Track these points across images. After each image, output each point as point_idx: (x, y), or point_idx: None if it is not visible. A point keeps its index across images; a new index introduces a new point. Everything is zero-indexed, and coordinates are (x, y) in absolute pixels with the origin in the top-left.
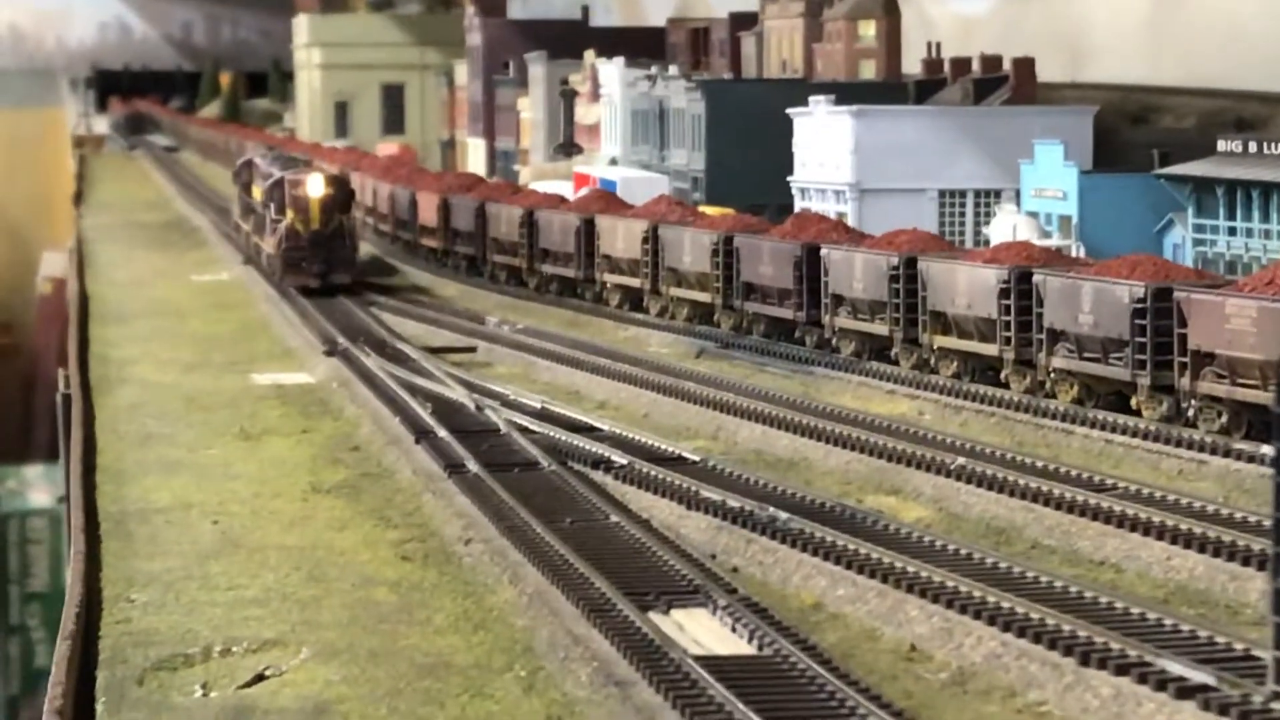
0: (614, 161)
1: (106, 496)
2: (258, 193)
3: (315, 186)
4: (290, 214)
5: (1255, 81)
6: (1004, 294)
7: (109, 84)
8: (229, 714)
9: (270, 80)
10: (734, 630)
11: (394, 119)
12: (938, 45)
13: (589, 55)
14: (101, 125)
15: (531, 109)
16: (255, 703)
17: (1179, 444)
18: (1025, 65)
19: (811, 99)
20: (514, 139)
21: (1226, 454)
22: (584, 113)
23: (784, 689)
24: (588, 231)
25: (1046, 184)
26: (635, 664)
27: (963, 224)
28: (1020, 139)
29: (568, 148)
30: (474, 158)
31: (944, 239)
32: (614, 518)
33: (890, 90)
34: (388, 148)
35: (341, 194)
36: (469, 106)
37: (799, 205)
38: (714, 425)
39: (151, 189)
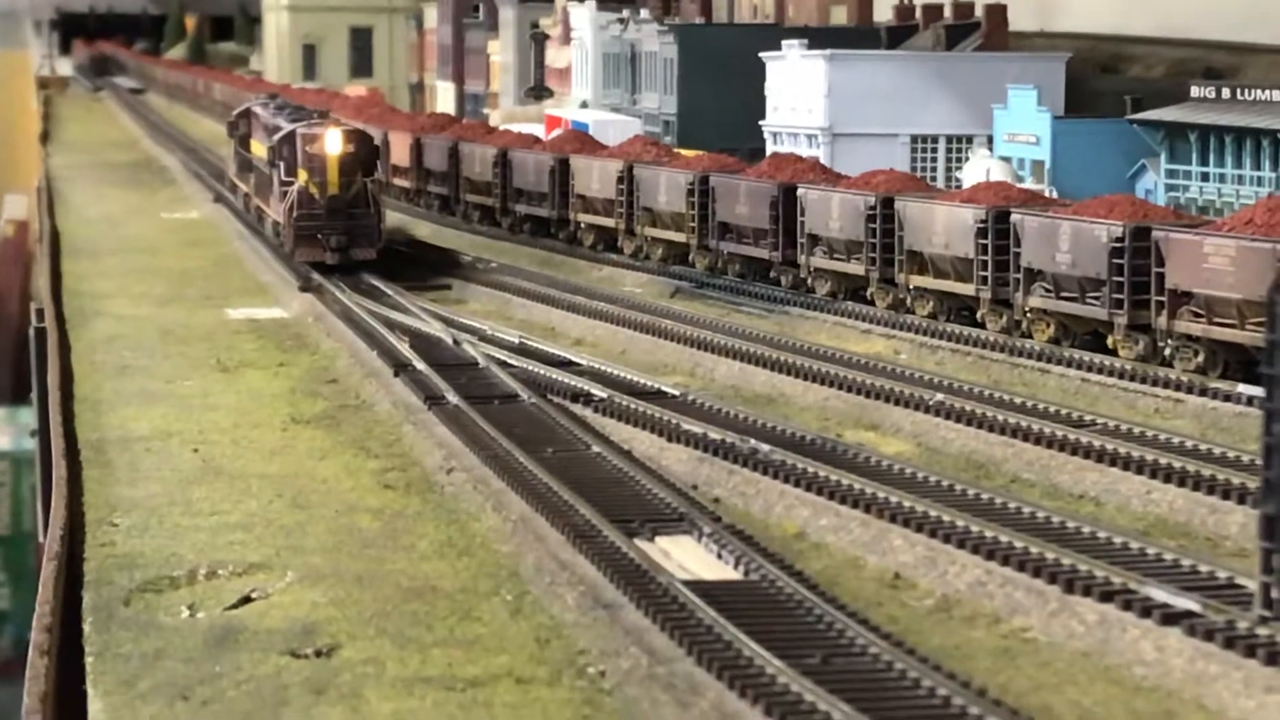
0: (585, 105)
1: (85, 425)
2: (259, 148)
3: (333, 143)
4: (303, 175)
5: (1224, 31)
6: (981, 233)
7: (73, 26)
8: (217, 634)
9: (236, 23)
10: (719, 557)
11: (362, 62)
12: None
13: None
14: (66, 68)
15: (501, 52)
16: (243, 624)
17: (1155, 383)
18: (997, 12)
19: (784, 43)
20: (483, 82)
21: (1203, 393)
22: (554, 56)
23: (772, 612)
24: (562, 171)
25: (1020, 129)
26: (622, 588)
27: (934, 169)
28: (992, 85)
29: (538, 91)
30: (443, 101)
31: (920, 179)
32: (596, 448)
33: (862, 36)
34: (356, 90)
35: (364, 152)
36: (438, 50)
37: (770, 149)
38: (691, 362)
39: (119, 130)
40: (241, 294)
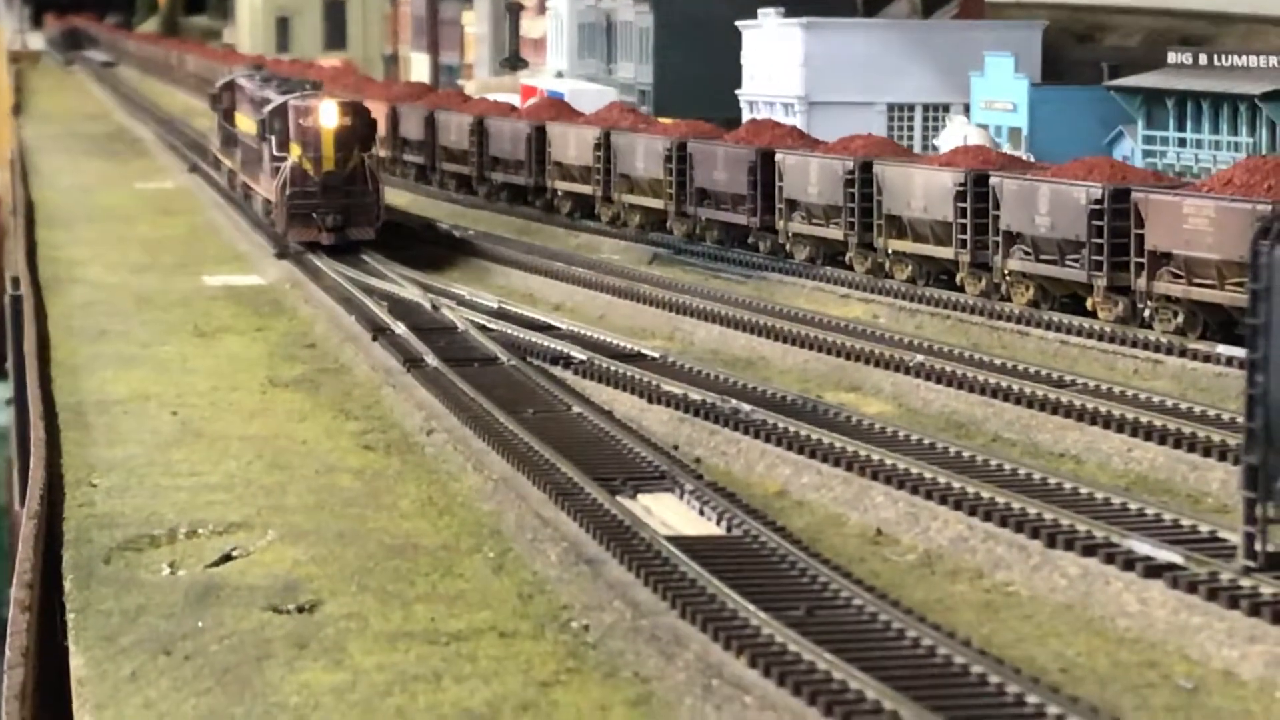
0: (560, 75)
1: (63, 389)
2: (245, 122)
3: (329, 115)
4: (296, 150)
5: (1201, 1)
6: (960, 197)
7: (45, 0)
8: (198, 591)
9: None
10: (701, 513)
11: (335, 34)
12: None
13: None
14: (38, 42)
15: (476, 24)
16: (224, 581)
17: (1134, 344)
18: None
19: (761, 12)
20: (458, 54)
21: (1182, 354)
22: (529, 27)
23: (754, 566)
24: (539, 139)
25: (997, 96)
26: (605, 544)
27: (910, 137)
28: (969, 54)
29: (513, 61)
30: (417, 72)
31: (898, 144)
32: (576, 409)
33: (839, 4)
34: (329, 63)
35: (361, 126)
36: (412, 21)
37: (747, 118)
38: (670, 326)
39: (92, 102)
40: (218, 261)
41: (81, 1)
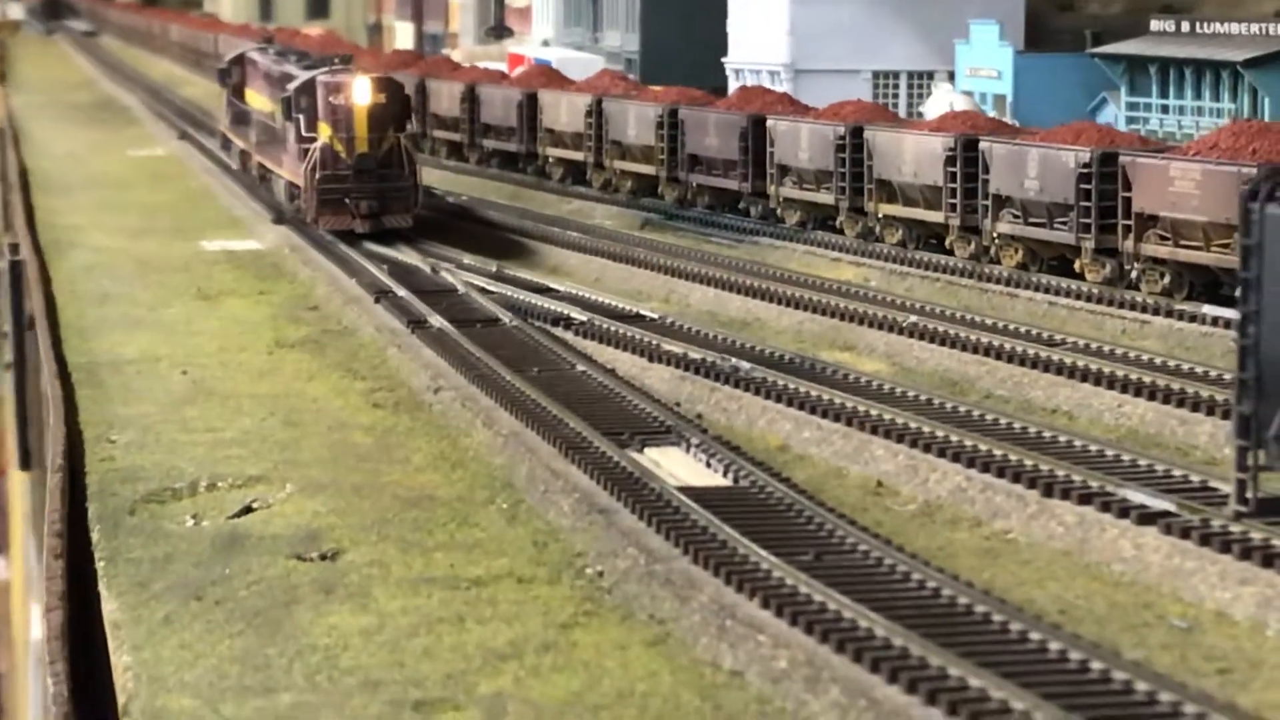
0: (546, 43)
1: (74, 350)
2: (260, 100)
3: (361, 92)
4: (326, 130)
5: None
6: (950, 161)
7: None
8: (223, 540)
9: None
10: (708, 465)
11: (319, 3)
12: None
13: None
14: (17, 11)
15: None
16: (248, 531)
17: (1122, 305)
18: None
19: None
20: (442, 23)
21: (1169, 314)
22: None
23: (763, 515)
24: (530, 106)
25: (982, 63)
26: (616, 494)
27: (896, 104)
28: (953, 22)
29: (498, 30)
30: (401, 41)
31: (888, 110)
32: (580, 367)
33: None
34: (313, 31)
35: (395, 104)
36: None
37: (733, 86)
38: (666, 289)
39: (76, 71)
40: (215, 227)
41: None
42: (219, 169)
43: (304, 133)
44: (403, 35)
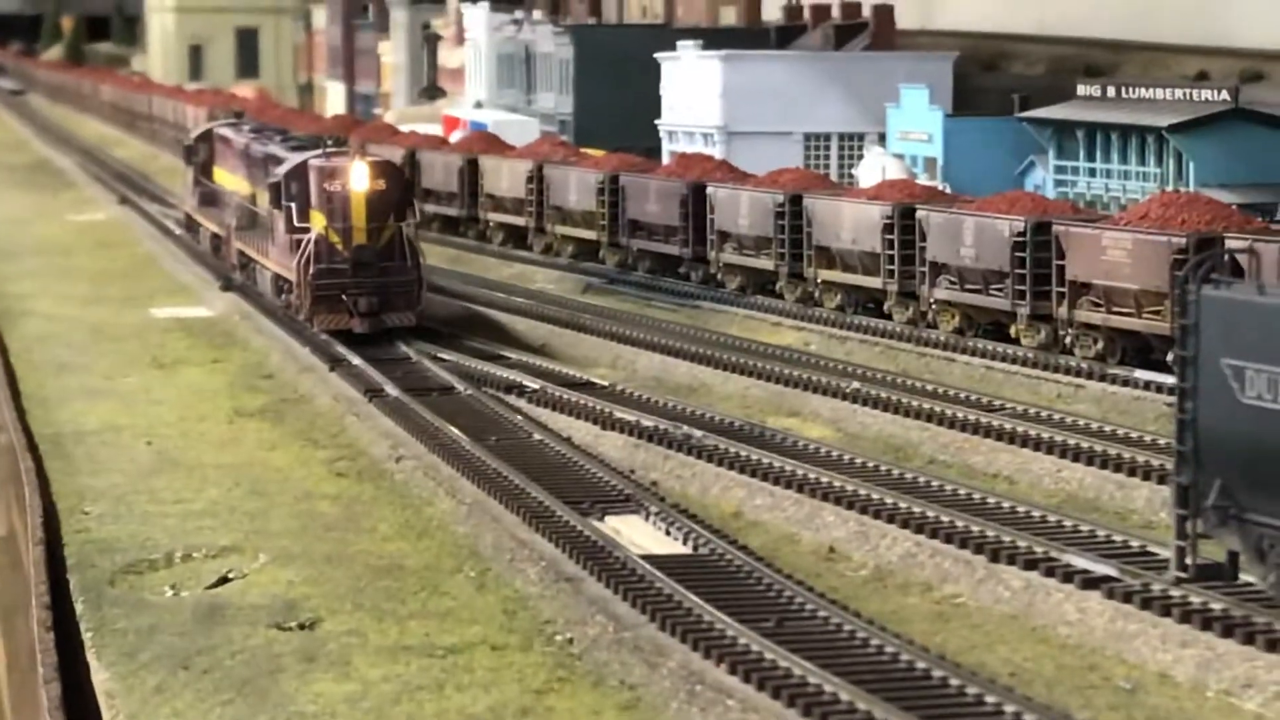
0: (479, 105)
1: (37, 420)
2: (232, 179)
3: (359, 178)
4: (320, 220)
5: (1102, 29)
6: (888, 229)
7: None
8: (204, 610)
9: (114, 23)
10: (668, 534)
11: (248, 62)
12: None
13: (452, 0)
14: None
15: (393, 53)
16: (226, 601)
17: (1056, 369)
18: (885, 12)
19: (679, 44)
20: (374, 82)
21: (1102, 378)
22: (447, 56)
23: (724, 582)
24: (471, 171)
25: (912, 127)
26: (582, 563)
27: (827, 166)
28: (883, 84)
29: (432, 91)
30: (333, 101)
31: (826, 178)
32: (537, 435)
33: (753, 36)
34: (243, 90)
35: (396, 190)
36: (328, 50)
37: (667, 148)
38: (613, 355)
39: (6, 131)
40: (163, 294)
41: None
42: (162, 235)
43: (295, 222)
44: (334, 95)
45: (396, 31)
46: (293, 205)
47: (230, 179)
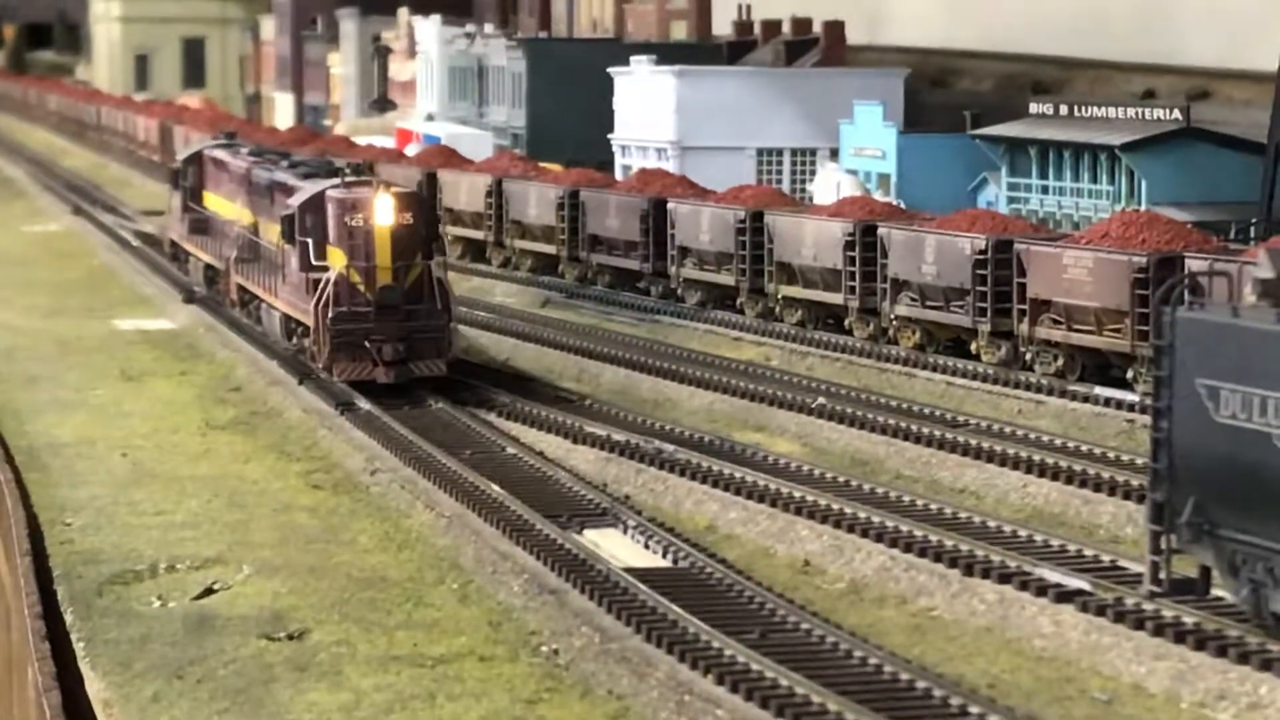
0: (430, 117)
1: (11, 433)
2: (228, 206)
3: (384, 212)
4: (341, 258)
5: (1048, 45)
6: (849, 246)
7: None
8: (193, 621)
9: (55, 32)
10: (647, 547)
11: (195, 73)
12: (748, 7)
13: (403, 13)
14: None
15: (343, 65)
16: (215, 611)
17: (1017, 386)
18: (835, 28)
19: (633, 59)
20: (323, 94)
21: (1063, 395)
22: (398, 69)
23: (706, 594)
24: (429, 185)
25: (866, 143)
26: (565, 575)
27: (779, 181)
28: (835, 100)
29: (382, 104)
30: (281, 112)
31: (787, 195)
32: (510, 449)
33: (704, 51)
34: (190, 101)
35: (423, 224)
36: (276, 61)
37: (619, 162)
38: (577, 369)
39: None
40: (125, 305)
41: None
42: (119, 246)
43: (312, 260)
44: (282, 106)
45: (346, 43)
46: (309, 241)
47: (226, 205)
